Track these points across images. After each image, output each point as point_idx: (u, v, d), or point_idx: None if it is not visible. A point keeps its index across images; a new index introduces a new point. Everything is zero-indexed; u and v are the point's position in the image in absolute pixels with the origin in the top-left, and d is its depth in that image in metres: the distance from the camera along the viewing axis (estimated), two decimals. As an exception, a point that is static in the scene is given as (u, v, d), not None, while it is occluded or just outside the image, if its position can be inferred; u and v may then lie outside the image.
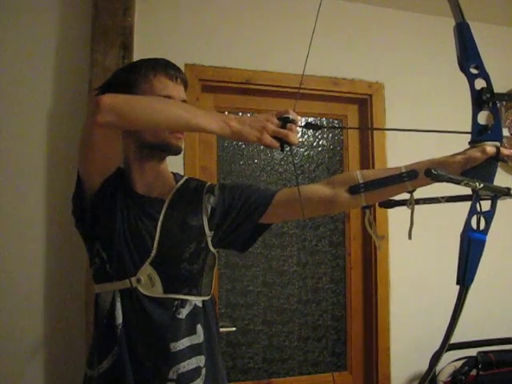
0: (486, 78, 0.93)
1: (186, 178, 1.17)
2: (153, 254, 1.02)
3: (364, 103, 2.16)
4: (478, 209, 0.89)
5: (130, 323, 1.00)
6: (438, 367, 1.94)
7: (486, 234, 0.88)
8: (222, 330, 1.80)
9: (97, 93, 1.11)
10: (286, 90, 2.01)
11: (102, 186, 1.01)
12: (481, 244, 0.87)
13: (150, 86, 1.04)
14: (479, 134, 0.92)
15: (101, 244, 1.04)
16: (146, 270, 1.01)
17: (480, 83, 0.94)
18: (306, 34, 2.04)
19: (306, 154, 2.13)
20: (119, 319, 0.99)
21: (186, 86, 1.11)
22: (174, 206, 1.07)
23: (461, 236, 0.89)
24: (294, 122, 0.96)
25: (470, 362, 1.91)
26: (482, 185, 0.85)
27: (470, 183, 0.84)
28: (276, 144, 0.93)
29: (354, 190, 0.99)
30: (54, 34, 1.73)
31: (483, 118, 0.96)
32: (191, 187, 1.13)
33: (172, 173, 1.16)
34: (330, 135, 2.17)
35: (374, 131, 2.12)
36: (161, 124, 0.94)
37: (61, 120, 1.70)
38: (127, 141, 1.08)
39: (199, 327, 1.04)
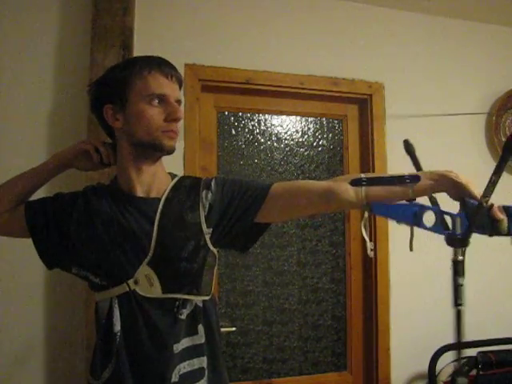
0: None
1: (180, 176, 1.15)
2: (150, 254, 1.01)
3: (364, 103, 2.15)
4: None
5: (130, 329, 0.99)
6: (438, 367, 1.94)
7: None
8: (221, 329, 1.80)
9: (89, 89, 1.10)
10: (286, 89, 2.01)
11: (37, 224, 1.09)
12: None
13: (144, 82, 1.02)
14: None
15: (78, 267, 1.06)
16: (144, 271, 1.00)
17: None
18: (306, 34, 2.06)
19: (306, 154, 2.13)
20: (117, 326, 0.98)
21: (180, 85, 1.09)
22: (169, 203, 1.05)
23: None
24: None
25: (470, 362, 1.91)
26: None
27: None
28: None
29: (355, 182, 0.96)
30: (53, 34, 1.73)
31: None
32: (186, 184, 1.11)
33: (170, 173, 1.15)
34: (330, 135, 2.17)
35: (374, 131, 2.12)
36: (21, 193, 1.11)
37: (61, 120, 1.70)
38: (122, 141, 1.07)
39: (200, 327, 1.03)
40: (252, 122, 2.06)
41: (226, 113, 2.02)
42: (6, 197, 1.09)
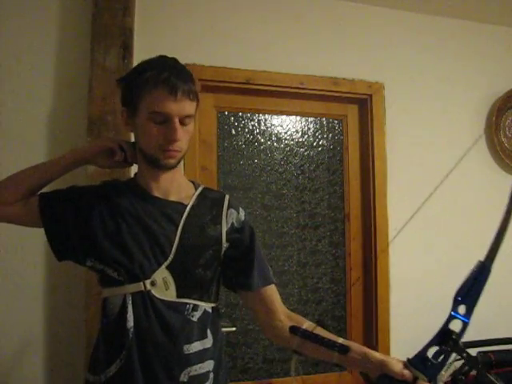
0: (466, 324, 0.97)
1: (203, 186, 1.17)
2: (170, 258, 1.02)
3: (364, 103, 2.15)
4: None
5: (142, 326, 0.99)
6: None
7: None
8: (222, 329, 1.80)
9: (118, 83, 1.09)
10: (286, 90, 2.01)
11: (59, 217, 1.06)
12: None
13: (149, 97, 0.99)
14: (419, 361, 1.00)
15: (94, 260, 1.04)
16: (162, 274, 1.01)
17: (457, 325, 0.96)
18: (306, 34, 2.06)
19: (305, 154, 2.13)
20: (130, 322, 0.98)
21: (192, 97, 1.02)
22: (194, 212, 1.08)
23: None
24: None
25: (470, 362, 1.90)
26: None
27: None
28: None
29: (293, 329, 1.06)
30: (54, 34, 1.73)
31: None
32: (210, 196, 1.13)
33: (191, 181, 1.17)
34: (330, 135, 2.17)
35: (374, 131, 2.12)
36: (35, 183, 1.09)
37: (61, 120, 1.70)
38: (138, 149, 1.08)
39: (209, 332, 1.06)
40: (252, 122, 2.06)
41: (226, 113, 2.03)
42: (20, 186, 1.07)
